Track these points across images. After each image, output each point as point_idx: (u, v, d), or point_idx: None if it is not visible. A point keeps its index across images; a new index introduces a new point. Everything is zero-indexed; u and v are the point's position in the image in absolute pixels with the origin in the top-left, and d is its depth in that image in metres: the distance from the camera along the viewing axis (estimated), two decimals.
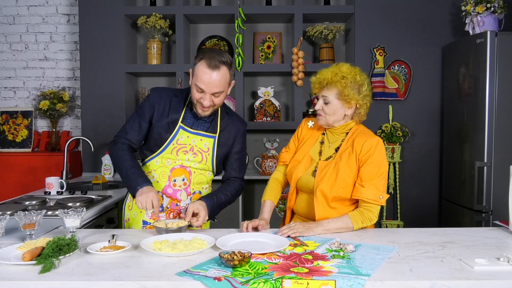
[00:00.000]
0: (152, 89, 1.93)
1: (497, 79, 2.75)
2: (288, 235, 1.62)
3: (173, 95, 1.90)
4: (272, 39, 3.68)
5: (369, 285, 1.19)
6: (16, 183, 3.43)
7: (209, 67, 1.71)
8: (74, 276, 1.24)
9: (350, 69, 1.77)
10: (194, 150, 1.88)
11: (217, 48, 1.74)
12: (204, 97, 1.75)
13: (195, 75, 1.76)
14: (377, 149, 1.73)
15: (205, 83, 1.72)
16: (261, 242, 1.57)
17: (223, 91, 1.77)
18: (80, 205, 2.25)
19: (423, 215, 3.51)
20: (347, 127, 1.83)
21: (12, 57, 3.86)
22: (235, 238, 1.61)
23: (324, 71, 1.79)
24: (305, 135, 1.94)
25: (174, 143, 1.86)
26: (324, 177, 1.74)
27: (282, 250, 1.47)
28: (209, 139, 1.89)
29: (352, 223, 1.70)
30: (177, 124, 1.86)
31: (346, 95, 1.73)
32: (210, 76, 1.71)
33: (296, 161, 1.88)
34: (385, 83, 3.42)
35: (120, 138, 1.89)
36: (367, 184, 1.70)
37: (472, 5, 2.97)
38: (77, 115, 3.84)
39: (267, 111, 3.53)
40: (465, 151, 2.99)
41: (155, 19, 3.36)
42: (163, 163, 1.88)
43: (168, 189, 1.89)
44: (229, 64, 1.77)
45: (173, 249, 1.41)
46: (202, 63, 1.73)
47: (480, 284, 1.20)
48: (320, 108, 1.79)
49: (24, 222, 1.53)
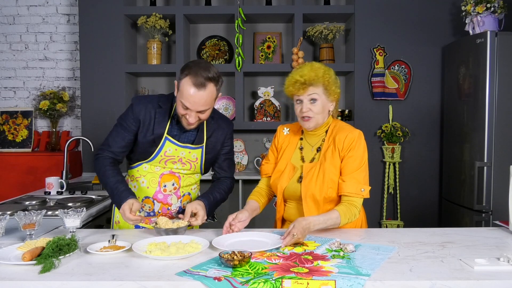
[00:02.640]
0: (135, 101, 1.84)
1: (497, 79, 2.75)
2: None
3: (157, 105, 1.83)
4: (272, 39, 3.68)
5: (369, 285, 1.19)
6: (16, 183, 3.43)
7: (195, 86, 1.64)
8: (74, 276, 1.24)
9: (323, 65, 1.77)
10: (183, 161, 1.87)
11: (205, 61, 1.69)
12: (190, 114, 1.70)
13: (180, 91, 1.69)
14: (358, 142, 1.73)
15: (190, 102, 1.66)
16: (258, 241, 1.58)
17: (209, 108, 1.72)
18: (80, 205, 2.26)
19: (423, 215, 3.51)
20: (326, 125, 1.82)
21: (12, 57, 3.86)
22: (232, 237, 1.61)
23: (302, 72, 1.71)
24: (283, 143, 1.90)
25: (161, 155, 1.84)
26: (311, 180, 1.73)
27: (281, 250, 1.47)
28: (197, 150, 1.87)
29: (340, 219, 1.66)
30: (163, 137, 1.82)
31: (332, 89, 1.74)
32: (195, 95, 1.65)
33: (279, 171, 1.85)
34: (385, 83, 3.42)
35: (104, 152, 1.84)
36: (347, 178, 1.70)
37: (472, 5, 2.97)
38: (77, 115, 3.84)
39: (267, 111, 3.53)
40: (465, 151, 2.99)
41: (155, 19, 3.36)
42: (152, 169, 1.88)
43: (159, 195, 1.89)
44: (216, 80, 1.69)
45: (163, 252, 1.40)
46: (188, 80, 1.65)
47: (480, 284, 1.20)
48: (308, 110, 1.72)
49: (24, 222, 1.54)
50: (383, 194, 3.49)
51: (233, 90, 3.65)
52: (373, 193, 3.46)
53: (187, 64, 1.72)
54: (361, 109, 3.45)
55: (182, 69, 1.71)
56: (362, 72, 3.44)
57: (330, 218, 1.65)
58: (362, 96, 3.44)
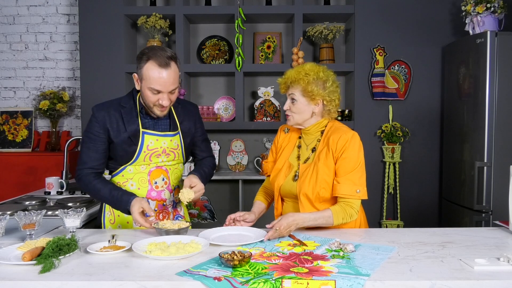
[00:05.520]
0: (95, 109, 1.83)
1: (497, 79, 2.75)
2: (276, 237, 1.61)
3: (120, 107, 1.83)
4: (272, 39, 3.68)
5: (369, 285, 1.19)
6: (16, 183, 3.43)
7: (161, 66, 1.67)
8: (74, 276, 1.24)
9: (314, 66, 1.78)
10: (166, 152, 1.87)
11: (156, 45, 1.75)
12: (162, 97, 1.72)
13: (145, 79, 1.70)
14: (351, 143, 1.72)
15: (160, 83, 1.68)
16: (244, 235, 1.65)
17: (177, 86, 1.75)
18: (80, 205, 2.26)
19: (423, 215, 3.51)
20: (320, 126, 1.83)
21: (12, 57, 3.86)
22: (219, 231, 1.70)
23: (289, 71, 1.81)
24: (283, 143, 1.95)
25: (144, 150, 1.83)
26: (305, 180, 1.76)
27: (280, 250, 1.47)
28: (176, 136, 1.90)
29: (333, 219, 1.68)
30: (140, 133, 1.81)
31: (310, 91, 1.74)
32: (164, 75, 1.68)
33: (277, 169, 1.90)
34: (385, 83, 3.42)
35: (82, 171, 1.81)
36: (342, 180, 1.70)
37: (472, 5, 2.96)
38: (77, 115, 3.84)
39: (267, 111, 3.53)
40: (465, 151, 2.99)
41: (155, 19, 3.36)
42: (138, 169, 1.86)
43: (152, 193, 1.88)
44: (176, 58, 1.75)
45: (163, 252, 1.41)
46: (151, 64, 1.68)
47: (480, 284, 1.20)
48: (288, 108, 1.80)
49: (24, 222, 1.54)
50: (383, 194, 3.49)
51: (233, 90, 3.65)
52: (373, 193, 3.46)
53: (142, 52, 1.74)
54: (361, 109, 3.45)
55: (139, 58, 1.73)
56: (362, 72, 3.44)
57: (322, 217, 1.67)
58: (362, 96, 3.44)
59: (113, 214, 1.92)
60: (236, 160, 3.64)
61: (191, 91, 3.73)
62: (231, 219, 1.79)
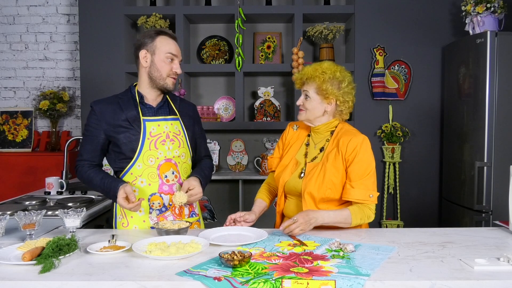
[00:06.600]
0: (94, 103, 1.88)
1: (497, 79, 2.75)
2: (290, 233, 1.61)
3: (117, 98, 1.90)
4: (272, 39, 3.68)
5: (369, 285, 1.19)
6: (16, 183, 3.44)
7: (171, 37, 1.87)
8: (74, 276, 1.24)
9: (332, 65, 1.79)
10: (170, 137, 1.87)
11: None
12: (176, 64, 1.87)
13: (159, 48, 1.83)
14: (363, 147, 1.73)
15: (175, 50, 1.85)
16: (244, 235, 1.65)
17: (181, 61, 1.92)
18: (80, 205, 2.26)
19: (423, 215, 3.51)
20: (331, 126, 1.83)
21: (12, 57, 3.86)
22: (219, 231, 1.70)
23: (307, 67, 1.83)
24: (291, 139, 1.95)
25: (148, 137, 1.83)
26: (311, 178, 1.75)
27: (280, 250, 1.47)
28: (176, 121, 1.92)
29: (351, 219, 1.69)
30: (140, 120, 1.84)
31: (324, 89, 1.75)
32: (176, 44, 1.88)
33: (283, 165, 1.89)
34: (385, 83, 3.42)
35: (79, 162, 1.88)
36: (356, 184, 1.71)
37: (472, 5, 2.96)
38: (77, 115, 3.84)
39: (267, 111, 3.53)
40: (465, 151, 2.99)
41: (155, 19, 3.36)
42: (146, 164, 1.83)
43: (164, 187, 1.86)
44: None
45: (163, 252, 1.40)
46: (163, 36, 1.84)
47: (480, 284, 1.20)
48: (301, 103, 1.82)
49: (24, 222, 1.54)
50: (383, 194, 3.49)
51: (233, 90, 3.65)
52: None
53: (146, 33, 1.87)
54: (361, 109, 3.45)
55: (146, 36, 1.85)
56: (362, 72, 3.44)
57: (340, 215, 1.69)
58: (362, 96, 3.44)
59: (125, 217, 1.88)
60: (236, 160, 3.64)
61: (191, 91, 3.73)
62: (231, 219, 1.79)
